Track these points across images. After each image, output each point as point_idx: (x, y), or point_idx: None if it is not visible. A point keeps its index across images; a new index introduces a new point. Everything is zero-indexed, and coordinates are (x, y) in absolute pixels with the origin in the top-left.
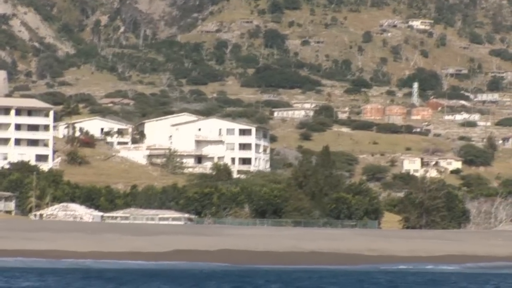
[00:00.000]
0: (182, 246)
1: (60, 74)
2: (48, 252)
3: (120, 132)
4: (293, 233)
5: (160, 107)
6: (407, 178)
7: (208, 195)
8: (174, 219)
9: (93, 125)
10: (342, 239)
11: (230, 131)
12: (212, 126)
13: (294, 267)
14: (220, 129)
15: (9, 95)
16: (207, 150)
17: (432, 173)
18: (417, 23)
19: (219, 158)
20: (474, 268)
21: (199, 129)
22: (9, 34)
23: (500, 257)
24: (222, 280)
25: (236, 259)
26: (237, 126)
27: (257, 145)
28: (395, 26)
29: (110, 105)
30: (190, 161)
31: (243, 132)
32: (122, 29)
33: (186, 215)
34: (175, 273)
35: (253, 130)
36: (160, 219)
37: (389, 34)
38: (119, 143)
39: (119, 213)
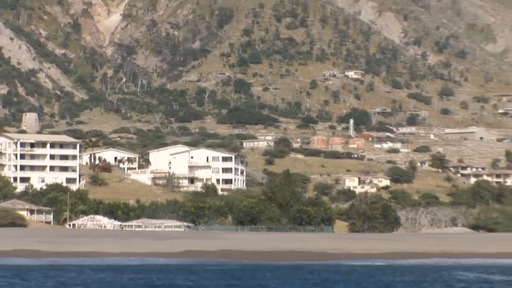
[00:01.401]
0: (191, 247)
1: (77, 115)
2: (91, 253)
3: (130, 160)
4: (273, 237)
5: (156, 140)
6: (348, 193)
7: (201, 208)
8: (176, 226)
9: (109, 155)
10: (312, 240)
11: (215, 158)
12: (201, 155)
13: (277, 263)
14: (207, 157)
15: (39, 132)
16: (197, 173)
17: (367, 189)
18: (351, 73)
19: (207, 179)
20: (416, 263)
21: (191, 157)
22: (37, 84)
23: (433, 253)
24: (232, 273)
25: (232, 256)
26: (220, 154)
27: (236, 169)
28: (334, 75)
29: (118, 139)
30: (185, 182)
31: (225, 159)
32: (124, 80)
33: (185, 224)
34: (189, 267)
35: (233, 157)
36: (165, 227)
37: (330, 82)
38: (129, 168)
39: (134, 223)
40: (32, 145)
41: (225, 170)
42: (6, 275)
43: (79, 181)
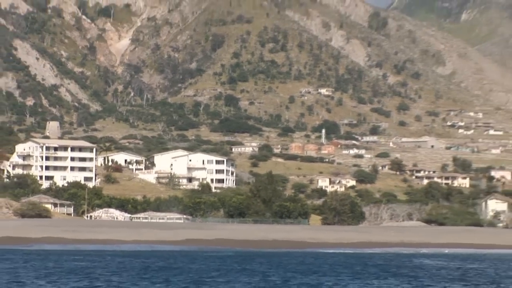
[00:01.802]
0: (191, 236)
1: (92, 124)
2: (108, 240)
3: (137, 162)
4: (259, 228)
5: (159, 145)
6: (320, 192)
7: (198, 203)
8: (176, 218)
9: (120, 158)
10: (291, 231)
11: (209, 161)
12: (198, 158)
13: (264, 250)
14: (203, 160)
15: (60, 138)
16: (195, 174)
17: (337, 188)
18: (323, 90)
19: (202, 179)
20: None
21: (190, 160)
22: (58, 97)
23: (394, 243)
24: (233, 258)
25: (226, 244)
26: (214, 158)
27: (227, 170)
28: (309, 92)
29: (127, 144)
30: (184, 181)
31: (218, 162)
32: (132, 94)
33: (184, 216)
34: (192, 254)
35: (225, 160)
36: (168, 218)
37: (305, 97)
38: (137, 169)
39: (141, 215)
40: (56, 149)
41: (218, 171)
42: (38, 259)
43: (95, 180)
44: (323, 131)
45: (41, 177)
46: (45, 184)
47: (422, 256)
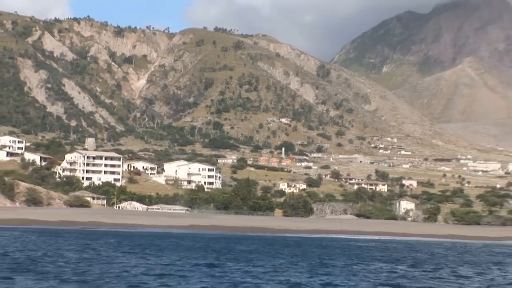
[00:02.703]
0: (193, 223)
1: (118, 140)
2: (132, 225)
3: (151, 168)
4: (240, 218)
5: (166, 156)
6: (281, 192)
7: (195, 199)
8: (180, 210)
9: (139, 165)
10: (263, 221)
11: (203, 169)
12: (195, 167)
13: (246, 234)
14: (199, 168)
15: (95, 150)
16: (193, 178)
17: (293, 190)
18: (283, 120)
19: (198, 181)
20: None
21: (189, 168)
22: (94, 120)
23: (337, 231)
24: (222, 239)
25: (218, 229)
26: (206, 167)
27: (215, 176)
28: (273, 121)
29: (143, 155)
30: (185, 183)
31: (209, 169)
32: (146, 119)
33: (185, 208)
34: (193, 235)
35: (214, 169)
36: (174, 210)
37: (270, 124)
38: (151, 173)
39: (154, 207)
40: (93, 158)
41: (209, 176)
42: (87, 237)
43: (121, 180)
44: (283, 149)
45: (83, 178)
46: (86, 183)
47: (359, 240)
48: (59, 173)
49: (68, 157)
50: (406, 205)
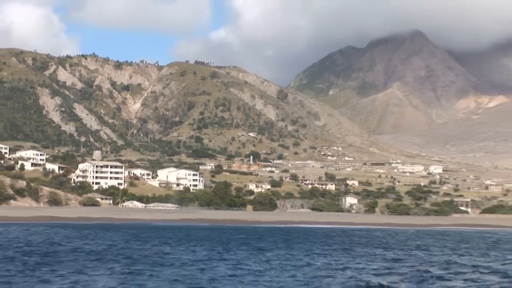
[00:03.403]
0: (183, 217)
1: (119, 152)
2: (137, 219)
3: (147, 174)
4: (220, 212)
5: (158, 164)
6: (251, 192)
7: (183, 198)
8: (171, 207)
9: (137, 171)
10: (239, 215)
11: (189, 174)
12: (182, 172)
13: (227, 225)
14: (185, 173)
15: (101, 160)
16: (181, 181)
17: (260, 190)
18: (251, 134)
19: (185, 184)
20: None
21: (178, 173)
22: (99, 137)
23: (295, 221)
24: (207, 229)
25: (203, 221)
26: (191, 172)
27: (199, 179)
28: (243, 135)
29: (140, 164)
30: (174, 185)
31: (194, 174)
32: (141, 135)
33: (176, 205)
34: (188, 227)
35: (198, 174)
36: (166, 207)
37: (241, 138)
38: (147, 178)
39: (151, 205)
40: (101, 166)
41: (194, 180)
42: (100, 230)
43: (123, 184)
44: (251, 157)
45: (93, 182)
46: (95, 187)
47: (316, 229)
48: (73, 179)
49: (80, 166)
50: (350, 200)
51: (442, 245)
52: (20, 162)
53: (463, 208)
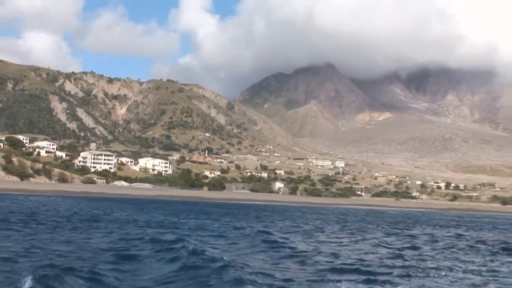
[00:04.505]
0: (159, 193)
1: (109, 144)
2: (126, 194)
3: (131, 162)
4: (186, 191)
5: (138, 154)
6: (206, 177)
7: (158, 179)
8: (149, 186)
9: (124, 159)
10: (200, 193)
11: (161, 162)
12: (157, 161)
13: (190, 200)
14: (159, 162)
15: (97, 150)
16: (156, 167)
17: (213, 175)
18: (207, 134)
19: (159, 170)
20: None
21: (153, 162)
22: (94, 132)
23: (247, 199)
24: (181, 202)
25: (175, 197)
26: (163, 161)
27: (169, 166)
28: (201, 135)
29: (125, 153)
30: (151, 170)
31: (165, 163)
32: (126, 132)
33: (152, 185)
34: (163, 201)
35: (168, 162)
36: (145, 186)
37: (199, 137)
38: (131, 164)
39: (134, 184)
40: (97, 155)
41: (165, 166)
42: (98, 203)
43: (113, 168)
44: (206, 151)
45: (91, 166)
46: (92, 169)
47: (254, 204)
48: (76, 164)
49: (82, 154)
50: (278, 184)
51: (326, 219)
52: (37, 150)
53: (359, 193)
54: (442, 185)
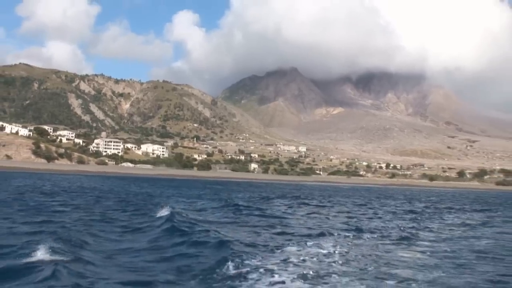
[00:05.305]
0: (159, 173)
1: (116, 133)
2: (131, 173)
3: (135, 147)
4: (179, 171)
5: (140, 141)
6: (196, 159)
7: (157, 161)
8: (150, 167)
9: (129, 145)
10: (191, 173)
11: (159, 147)
12: (156, 146)
13: (184, 178)
14: (157, 147)
15: (107, 137)
16: (155, 152)
17: (202, 158)
18: (195, 125)
19: (158, 154)
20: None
21: (153, 147)
22: (104, 124)
23: (227, 177)
24: (179, 180)
25: (172, 175)
26: (161, 146)
27: (165, 151)
28: (190, 125)
29: (129, 140)
30: (151, 154)
31: (162, 148)
32: (130, 123)
33: (152, 166)
34: (163, 179)
35: (164, 147)
36: (147, 167)
37: (189, 127)
38: (135, 149)
39: (138, 165)
40: (108, 141)
41: (162, 151)
42: (102, 180)
43: (121, 152)
44: (195, 139)
45: (103, 151)
46: (104, 153)
47: (236, 181)
48: (91, 149)
49: (95, 141)
50: (253, 165)
51: (287, 192)
52: (59, 137)
53: (318, 172)
54: (383, 165)
